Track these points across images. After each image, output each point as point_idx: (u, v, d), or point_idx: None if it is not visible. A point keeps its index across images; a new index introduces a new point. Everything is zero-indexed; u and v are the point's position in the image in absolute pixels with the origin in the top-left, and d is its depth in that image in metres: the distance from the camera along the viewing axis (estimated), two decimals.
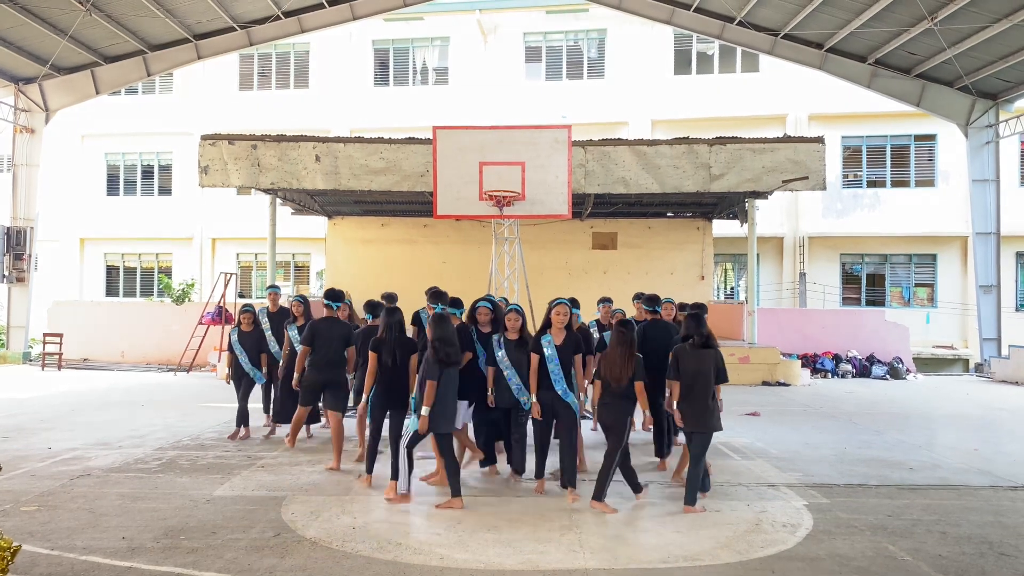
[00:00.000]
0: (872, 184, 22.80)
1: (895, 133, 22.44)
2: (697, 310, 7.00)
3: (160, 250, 25.77)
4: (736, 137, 15.24)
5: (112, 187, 25.79)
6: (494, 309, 7.08)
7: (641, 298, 8.21)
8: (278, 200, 17.57)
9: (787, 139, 15.31)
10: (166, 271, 25.12)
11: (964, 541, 5.41)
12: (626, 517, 5.93)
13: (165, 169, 25.60)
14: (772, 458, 8.16)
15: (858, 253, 22.91)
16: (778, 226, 22.56)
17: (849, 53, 18.33)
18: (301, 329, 8.40)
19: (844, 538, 5.44)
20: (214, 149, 15.28)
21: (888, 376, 17.36)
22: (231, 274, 18.95)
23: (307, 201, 18.77)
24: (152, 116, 25.09)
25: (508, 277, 14.29)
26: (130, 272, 26.04)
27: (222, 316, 17.12)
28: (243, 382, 9.00)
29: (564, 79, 24.23)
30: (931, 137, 22.19)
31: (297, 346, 8.25)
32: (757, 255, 18.37)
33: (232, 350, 8.98)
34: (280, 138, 15.44)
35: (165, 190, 25.58)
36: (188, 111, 24.63)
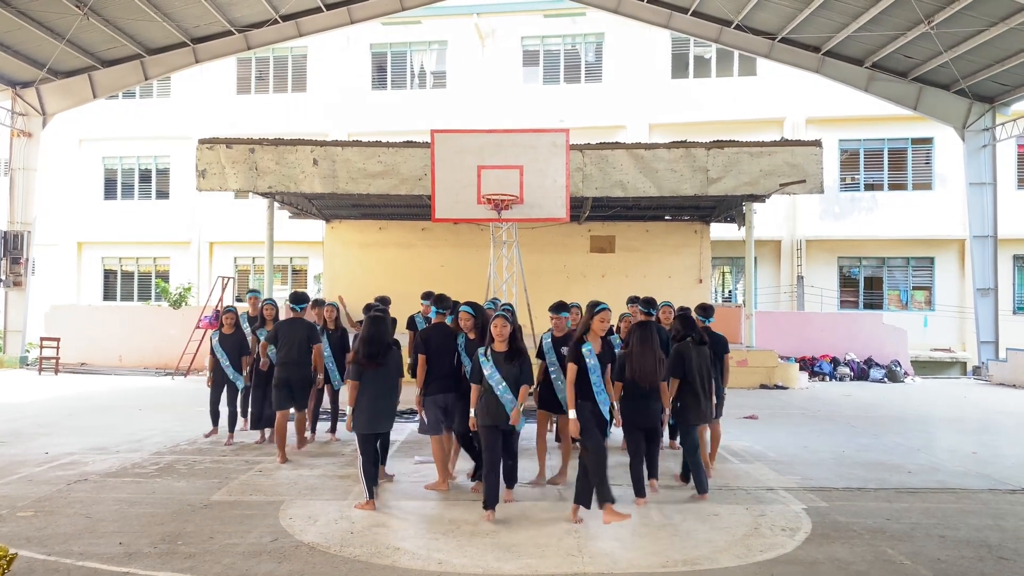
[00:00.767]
0: (869, 187, 22.83)
1: (892, 136, 22.47)
2: (684, 312, 7.31)
3: (158, 254, 25.72)
4: (733, 141, 15.26)
5: (110, 191, 25.75)
6: (476, 314, 6.65)
7: (637, 301, 8.24)
8: (276, 204, 17.56)
9: (784, 142, 15.34)
10: (164, 275, 25.08)
11: (963, 545, 5.41)
12: (626, 521, 5.91)
13: (163, 173, 25.57)
14: (770, 462, 8.15)
15: (856, 256, 22.92)
16: (776, 229, 22.57)
17: (846, 57, 18.37)
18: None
19: (843, 542, 5.44)
20: (212, 153, 15.28)
21: (886, 379, 17.37)
22: (228, 278, 18.96)
23: (305, 205, 18.76)
24: (150, 120, 25.07)
25: (506, 281, 14.28)
26: (128, 276, 25.99)
27: (219, 320, 17.08)
28: (224, 385, 9.03)
29: (562, 83, 24.25)
30: (928, 140, 22.22)
31: (270, 350, 8.48)
32: (755, 258, 18.40)
33: (213, 353, 9.00)
34: (278, 142, 15.44)
35: (163, 194, 25.54)
36: (186, 115, 24.61)
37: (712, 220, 20.14)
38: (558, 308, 6.92)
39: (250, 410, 9.04)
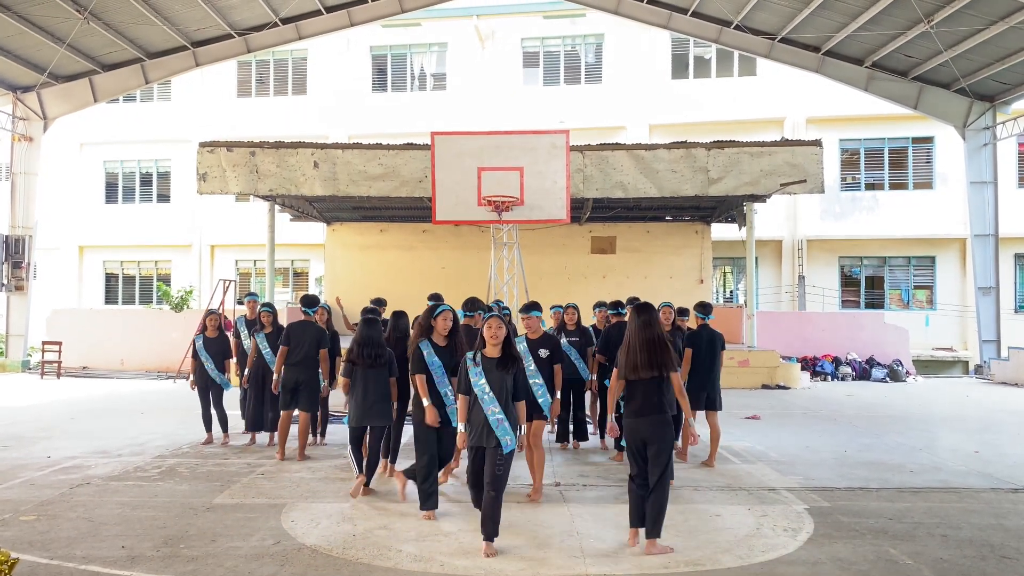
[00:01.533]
0: (870, 187, 22.83)
1: (893, 136, 22.47)
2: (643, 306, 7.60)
3: (159, 257, 25.75)
4: (734, 141, 15.27)
5: (111, 195, 25.79)
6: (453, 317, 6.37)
7: (634, 303, 8.28)
8: (277, 207, 17.58)
9: (785, 142, 15.34)
10: (165, 278, 25.11)
11: (965, 544, 5.40)
12: (626, 523, 5.90)
13: (164, 176, 25.61)
14: (772, 462, 8.14)
15: (857, 256, 22.91)
16: (777, 229, 22.56)
17: (846, 56, 18.37)
18: (268, 336, 8.72)
19: (845, 542, 5.43)
20: (212, 156, 15.30)
21: (888, 379, 17.36)
22: (230, 281, 18.97)
23: (306, 207, 18.77)
24: (150, 123, 25.10)
25: (507, 282, 14.28)
26: (129, 280, 26.03)
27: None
28: (210, 389, 9.02)
29: (562, 84, 24.26)
30: (929, 139, 22.21)
31: (265, 353, 8.65)
32: (756, 258, 18.39)
33: (196, 356, 9.00)
34: (278, 145, 15.46)
35: (164, 197, 25.57)
36: (186, 118, 24.63)
37: (713, 220, 20.14)
38: (528, 308, 6.93)
39: (250, 412, 9.06)
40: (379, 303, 8.93)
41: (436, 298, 9.75)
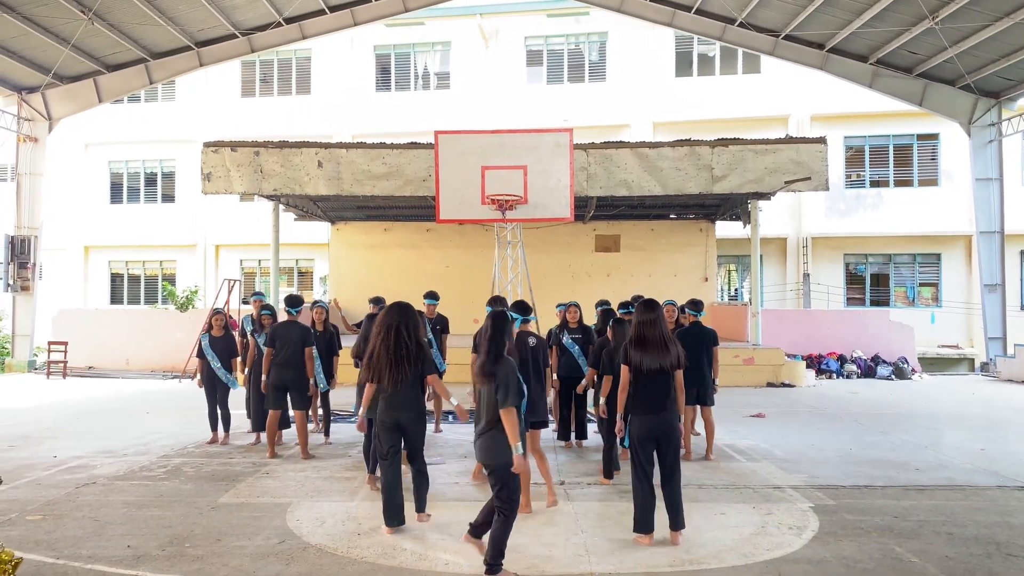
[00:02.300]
0: (875, 184, 22.75)
1: (898, 133, 22.40)
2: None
3: (164, 257, 25.82)
4: (738, 138, 15.23)
5: (115, 195, 25.86)
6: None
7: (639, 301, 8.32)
8: (281, 206, 17.59)
9: (789, 140, 15.30)
10: (170, 278, 25.16)
11: (971, 542, 5.39)
12: (631, 521, 5.90)
13: (168, 176, 25.66)
14: (777, 460, 8.13)
15: (862, 253, 22.86)
16: (781, 227, 22.51)
17: (850, 53, 18.31)
18: None
19: (850, 540, 5.42)
20: (217, 156, 15.33)
21: (893, 376, 17.31)
22: (235, 280, 19.00)
23: (310, 207, 18.79)
24: (155, 124, 25.17)
25: (511, 281, 14.28)
26: (134, 279, 26.10)
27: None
28: (217, 387, 9.05)
29: (565, 82, 24.24)
30: (934, 136, 22.14)
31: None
32: (760, 256, 18.34)
33: (203, 355, 9.03)
34: (282, 144, 15.48)
35: (168, 197, 25.63)
36: (191, 118, 24.68)
37: (717, 218, 20.12)
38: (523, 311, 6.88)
39: (252, 412, 9.09)
40: (378, 302, 9.01)
41: (432, 296, 9.85)
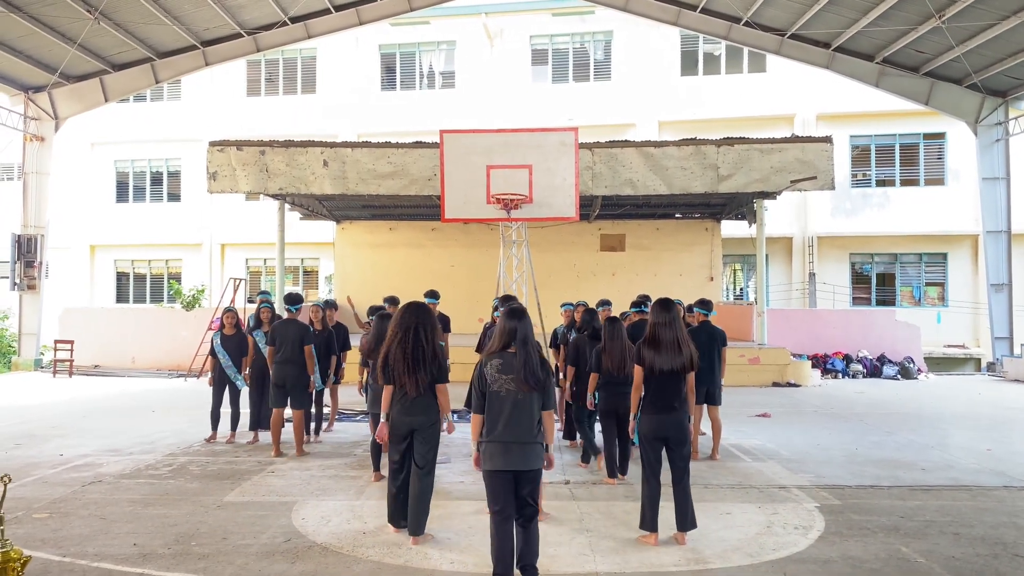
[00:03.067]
0: (881, 183, 22.69)
1: (904, 132, 22.33)
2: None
3: (170, 256, 25.89)
4: (744, 137, 15.20)
5: (121, 194, 25.94)
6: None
7: (650, 300, 8.29)
8: (286, 205, 17.62)
9: (795, 139, 15.26)
10: (176, 277, 25.23)
11: (978, 542, 5.37)
12: (637, 520, 5.90)
13: (174, 175, 25.73)
14: (783, 460, 8.12)
15: (868, 253, 22.80)
16: (787, 226, 22.47)
17: (856, 52, 18.26)
18: (267, 335, 8.70)
19: (856, 540, 5.41)
20: (222, 155, 15.35)
21: (899, 376, 17.26)
22: (240, 279, 19.03)
23: (315, 206, 18.81)
24: (161, 123, 25.23)
25: (516, 280, 14.27)
26: (140, 278, 26.18)
27: (220, 321, 17.19)
28: (226, 386, 9.08)
29: (570, 81, 24.23)
30: (940, 135, 22.07)
31: (264, 352, 8.68)
32: (766, 255, 18.32)
33: (214, 354, 9.05)
34: (288, 143, 15.50)
35: (174, 196, 25.70)
36: (196, 117, 24.74)
37: (723, 217, 20.08)
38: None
39: (252, 411, 9.13)
40: (393, 301, 8.99)
41: (433, 295, 9.87)
